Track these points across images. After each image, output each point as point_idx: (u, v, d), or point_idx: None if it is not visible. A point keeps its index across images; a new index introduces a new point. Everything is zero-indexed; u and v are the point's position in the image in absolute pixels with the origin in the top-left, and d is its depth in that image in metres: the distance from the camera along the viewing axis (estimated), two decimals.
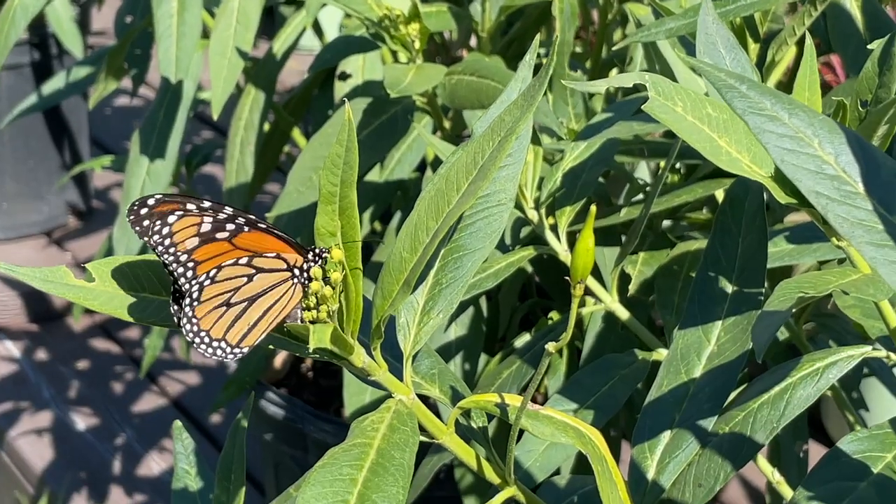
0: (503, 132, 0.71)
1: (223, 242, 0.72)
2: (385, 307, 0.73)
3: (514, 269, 1.15)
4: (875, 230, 0.59)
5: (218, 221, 0.71)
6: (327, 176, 0.70)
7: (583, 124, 1.28)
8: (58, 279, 0.72)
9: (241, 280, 0.71)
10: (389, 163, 1.42)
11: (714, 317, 0.93)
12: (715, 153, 0.77)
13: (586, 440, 0.77)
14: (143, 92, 2.89)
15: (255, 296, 0.71)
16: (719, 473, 0.85)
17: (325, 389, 1.65)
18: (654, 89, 0.75)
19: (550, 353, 0.70)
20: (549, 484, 0.95)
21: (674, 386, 0.90)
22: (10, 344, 2.31)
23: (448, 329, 1.36)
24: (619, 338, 1.24)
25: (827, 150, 0.62)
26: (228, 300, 0.71)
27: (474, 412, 0.80)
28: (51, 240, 2.60)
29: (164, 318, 0.74)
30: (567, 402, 1.09)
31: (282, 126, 1.63)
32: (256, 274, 0.71)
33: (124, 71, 1.66)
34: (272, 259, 0.72)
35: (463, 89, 1.29)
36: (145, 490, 1.94)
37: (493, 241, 0.77)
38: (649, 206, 1.10)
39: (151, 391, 2.17)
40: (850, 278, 0.80)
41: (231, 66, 1.44)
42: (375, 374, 0.74)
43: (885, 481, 0.77)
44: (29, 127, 2.52)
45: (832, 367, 0.84)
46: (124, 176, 1.55)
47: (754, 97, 0.63)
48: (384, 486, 0.68)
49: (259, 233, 0.72)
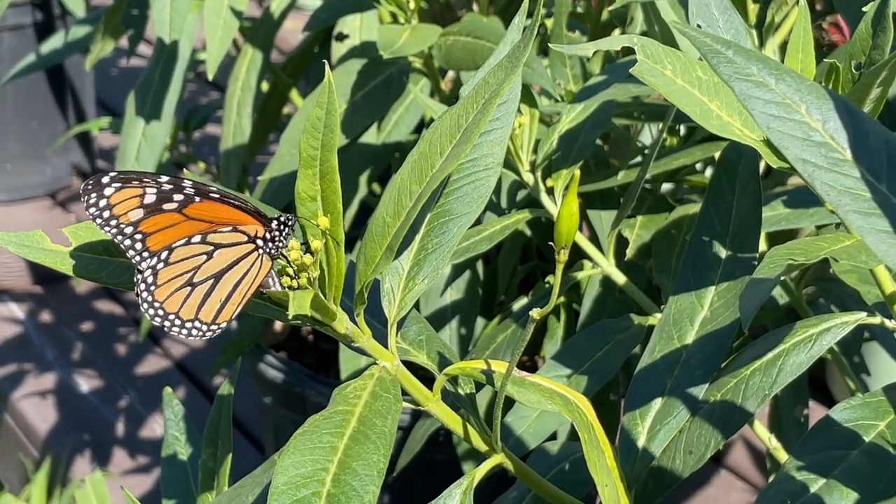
0: (487, 94, 0.70)
1: (173, 213, 0.70)
2: (368, 272, 0.72)
3: (509, 231, 1.14)
4: (862, 198, 0.58)
5: (163, 192, 0.69)
6: (308, 139, 0.69)
7: (580, 86, 1.27)
8: (34, 244, 0.71)
9: (200, 259, 0.69)
10: (387, 124, 1.41)
11: (707, 282, 0.92)
12: (705, 117, 0.76)
13: (573, 407, 0.76)
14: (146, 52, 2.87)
15: (219, 272, 0.70)
16: (710, 441, 0.84)
17: (324, 353, 1.64)
18: (642, 52, 0.74)
19: (535, 319, 0.69)
20: (541, 451, 0.94)
21: (666, 352, 0.90)
22: (13, 306, 2.31)
23: (444, 293, 1.35)
24: (616, 302, 1.23)
25: (814, 117, 0.60)
26: (191, 280, 0.69)
27: (461, 379, 0.79)
28: (55, 201, 2.59)
29: None
30: (562, 367, 1.09)
31: (280, 87, 1.62)
32: (215, 250, 0.70)
33: (121, 31, 1.64)
34: (229, 233, 0.70)
35: (458, 50, 1.27)
36: (148, 451, 1.94)
37: (480, 205, 0.76)
38: (646, 169, 1.08)
39: (154, 353, 2.17)
40: (842, 244, 0.79)
41: (226, 25, 1.43)
42: (359, 341, 0.73)
43: (877, 450, 0.76)
44: (33, 88, 2.51)
45: (826, 334, 0.84)
46: (120, 138, 1.54)
47: (741, 63, 0.61)
48: (365, 453, 0.67)
49: (211, 202, 0.70)
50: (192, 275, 0.69)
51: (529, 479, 0.82)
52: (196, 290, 0.69)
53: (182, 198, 0.70)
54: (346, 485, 0.65)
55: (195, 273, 0.69)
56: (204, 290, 0.70)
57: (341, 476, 0.66)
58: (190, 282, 0.69)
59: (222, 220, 0.70)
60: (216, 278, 0.70)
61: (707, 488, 1.78)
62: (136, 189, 0.69)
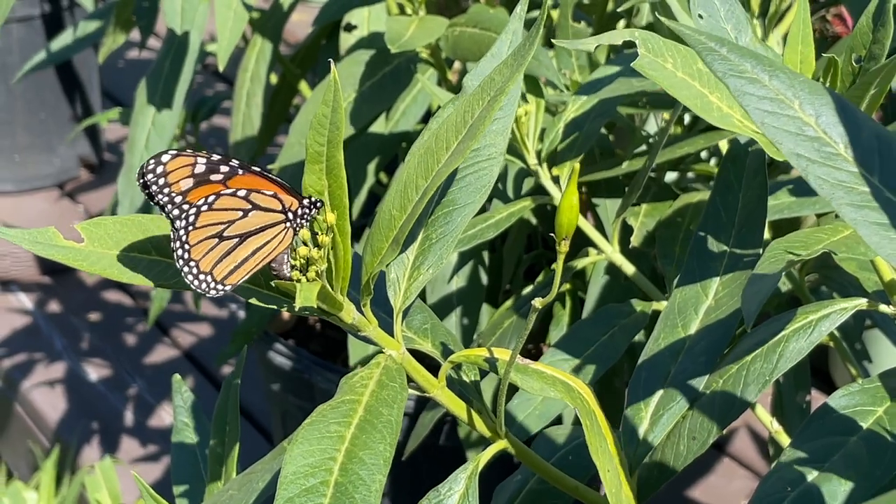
0: (493, 91, 0.71)
1: (217, 185, 0.72)
2: (374, 264, 0.73)
3: (516, 218, 1.16)
4: (855, 191, 0.59)
5: (212, 163, 0.72)
6: (314, 136, 0.70)
7: (586, 75, 1.28)
8: (47, 240, 0.72)
9: (237, 214, 0.71)
10: (394, 114, 1.42)
11: (712, 272, 0.93)
12: (706, 109, 0.77)
13: (575, 395, 0.77)
14: (155, 45, 2.89)
15: (247, 233, 0.71)
16: (712, 427, 0.85)
17: (332, 340, 1.65)
18: (643, 46, 0.75)
19: (537, 308, 0.70)
20: (545, 435, 0.95)
21: (670, 341, 0.91)
22: (22, 296, 2.32)
23: (450, 281, 1.36)
24: (621, 289, 1.24)
25: (808, 112, 0.62)
26: (222, 232, 0.71)
27: (466, 366, 0.80)
28: (63, 192, 2.60)
29: (153, 277, 0.74)
30: (566, 353, 1.10)
31: (289, 79, 1.63)
32: (252, 210, 0.72)
33: (132, 23, 1.65)
34: (269, 197, 0.72)
35: (465, 41, 1.28)
36: (156, 440, 1.95)
37: (484, 195, 0.77)
38: (653, 158, 1.09)
39: (163, 343, 2.19)
40: (841, 235, 0.80)
41: (236, 16, 1.44)
42: (365, 330, 0.75)
43: (875, 436, 0.77)
44: (41, 79, 2.52)
45: (825, 320, 0.84)
46: (129, 128, 1.55)
47: (735, 60, 0.63)
48: (372, 442, 0.68)
49: (254, 176, 0.73)
50: (225, 228, 0.71)
51: (533, 463, 0.83)
52: (221, 244, 0.71)
53: (227, 170, 0.72)
54: (353, 473, 0.67)
55: (228, 227, 0.71)
56: (227, 247, 0.71)
57: (348, 465, 0.67)
58: (220, 234, 0.71)
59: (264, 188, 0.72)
60: (242, 238, 0.71)
61: (710, 476, 1.79)
62: (188, 158, 0.72)
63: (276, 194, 0.72)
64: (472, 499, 0.77)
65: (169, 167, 0.72)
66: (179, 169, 0.72)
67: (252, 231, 0.72)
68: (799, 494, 0.75)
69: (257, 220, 0.72)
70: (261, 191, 0.72)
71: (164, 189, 0.72)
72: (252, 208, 0.72)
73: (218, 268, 0.71)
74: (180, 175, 0.72)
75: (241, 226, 0.72)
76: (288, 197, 0.73)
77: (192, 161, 0.72)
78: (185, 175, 0.72)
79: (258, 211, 0.72)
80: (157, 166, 0.71)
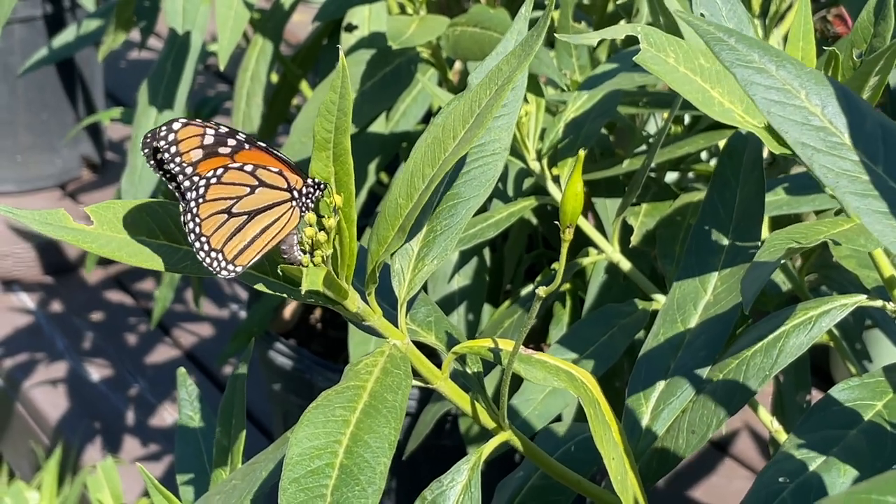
0: (500, 81, 0.72)
1: (225, 158, 0.72)
2: (380, 253, 0.74)
3: (516, 218, 1.16)
4: (859, 180, 0.60)
5: (220, 135, 0.72)
6: (322, 122, 0.71)
7: (587, 75, 1.28)
8: (56, 222, 0.73)
9: (244, 189, 0.71)
10: (395, 114, 1.42)
11: (711, 267, 0.94)
12: (707, 104, 0.78)
13: (578, 384, 0.78)
14: (156, 45, 2.89)
15: (255, 210, 0.72)
16: (712, 420, 0.86)
17: (333, 340, 1.66)
18: (645, 41, 0.76)
19: (541, 297, 0.71)
20: (547, 431, 0.96)
21: (670, 335, 0.91)
22: (24, 296, 2.33)
23: (452, 279, 1.37)
24: (621, 288, 1.25)
25: (814, 102, 0.62)
26: (230, 208, 0.71)
27: (469, 358, 0.81)
28: (65, 192, 2.61)
29: (161, 260, 0.74)
30: (567, 351, 1.10)
31: (290, 78, 1.64)
32: (259, 187, 0.72)
33: (133, 23, 1.66)
34: (275, 174, 0.72)
35: (466, 41, 1.29)
36: (158, 440, 1.95)
37: (488, 189, 0.78)
38: (652, 157, 1.10)
39: (164, 343, 2.19)
40: (841, 228, 0.80)
41: (237, 16, 1.45)
42: (370, 319, 0.75)
43: (875, 429, 0.77)
44: (43, 79, 2.53)
45: (825, 316, 0.85)
46: (132, 129, 1.56)
47: (742, 50, 0.63)
48: (376, 427, 0.69)
49: (259, 151, 0.73)
50: (233, 204, 0.71)
51: (536, 457, 0.84)
52: (230, 221, 0.71)
53: (235, 143, 0.72)
54: (359, 456, 0.67)
55: (236, 203, 0.71)
56: (237, 224, 0.71)
57: (354, 448, 0.68)
58: (229, 210, 0.71)
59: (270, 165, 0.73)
60: (250, 216, 0.72)
61: (711, 476, 1.80)
62: (198, 128, 0.72)
63: (282, 171, 0.73)
64: (475, 489, 0.78)
65: (180, 135, 0.72)
66: (190, 139, 0.72)
67: (259, 209, 0.72)
68: (798, 485, 0.75)
69: (264, 198, 0.72)
70: (267, 167, 0.72)
71: (176, 158, 0.72)
72: (259, 185, 0.72)
73: (228, 246, 0.71)
74: (191, 145, 0.72)
75: (249, 202, 0.72)
76: (293, 175, 0.73)
77: (201, 131, 0.72)
78: (195, 145, 0.72)
79: (265, 188, 0.72)
80: (168, 133, 0.72)
